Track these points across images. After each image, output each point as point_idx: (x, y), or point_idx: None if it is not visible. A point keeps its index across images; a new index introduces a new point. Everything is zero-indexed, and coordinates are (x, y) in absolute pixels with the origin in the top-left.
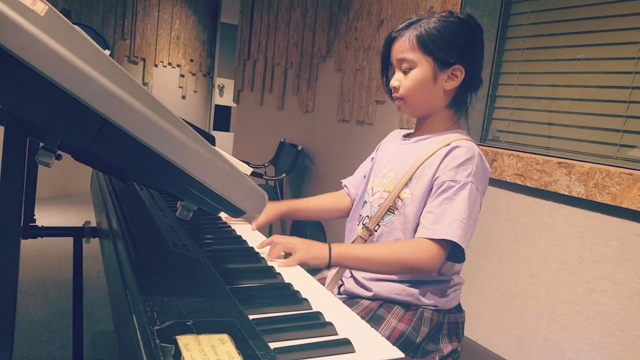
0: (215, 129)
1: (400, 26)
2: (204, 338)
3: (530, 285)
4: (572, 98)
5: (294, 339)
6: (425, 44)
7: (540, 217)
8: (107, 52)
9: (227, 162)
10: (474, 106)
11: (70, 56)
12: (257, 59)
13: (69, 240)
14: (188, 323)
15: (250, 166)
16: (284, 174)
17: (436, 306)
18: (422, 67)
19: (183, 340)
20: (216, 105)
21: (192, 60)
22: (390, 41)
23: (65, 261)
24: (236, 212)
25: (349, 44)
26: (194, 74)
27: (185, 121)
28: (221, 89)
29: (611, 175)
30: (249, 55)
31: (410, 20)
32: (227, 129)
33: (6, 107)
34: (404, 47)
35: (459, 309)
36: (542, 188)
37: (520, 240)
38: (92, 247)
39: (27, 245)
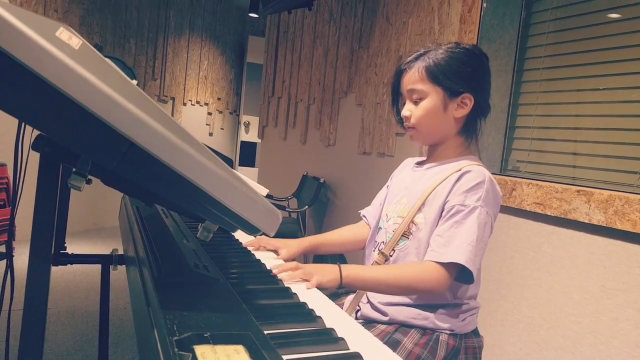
0: (241, 164)
1: (409, 58)
2: (219, 348)
3: (553, 315)
4: (590, 127)
5: (307, 352)
6: (434, 75)
7: (562, 246)
8: (135, 81)
9: (244, 182)
10: (493, 137)
11: (100, 84)
12: (281, 96)
13: (98, 273)
14: (205, 335)
15: (274, 199)
16: (307, 206)
17: (452, 330)
18: (432, 97)
19: (200, 350)
20: (242, 142)
21: (219, 99)
22: (399, 73)
23: (94, 292)
24: (252, 230)
25: (369, 79)
26: (220, 112)
27: (206, 145)
28: (247, 125)
29: (630, 202)
30: (273, 92)
31: (418, 53)
32: (252, 164)
33: (44, 132)
34: (414, 78)
35: (476, 333)
36: (562, 216)
37: (542, 269)
38: (120, 279)
39: (58, 277)
